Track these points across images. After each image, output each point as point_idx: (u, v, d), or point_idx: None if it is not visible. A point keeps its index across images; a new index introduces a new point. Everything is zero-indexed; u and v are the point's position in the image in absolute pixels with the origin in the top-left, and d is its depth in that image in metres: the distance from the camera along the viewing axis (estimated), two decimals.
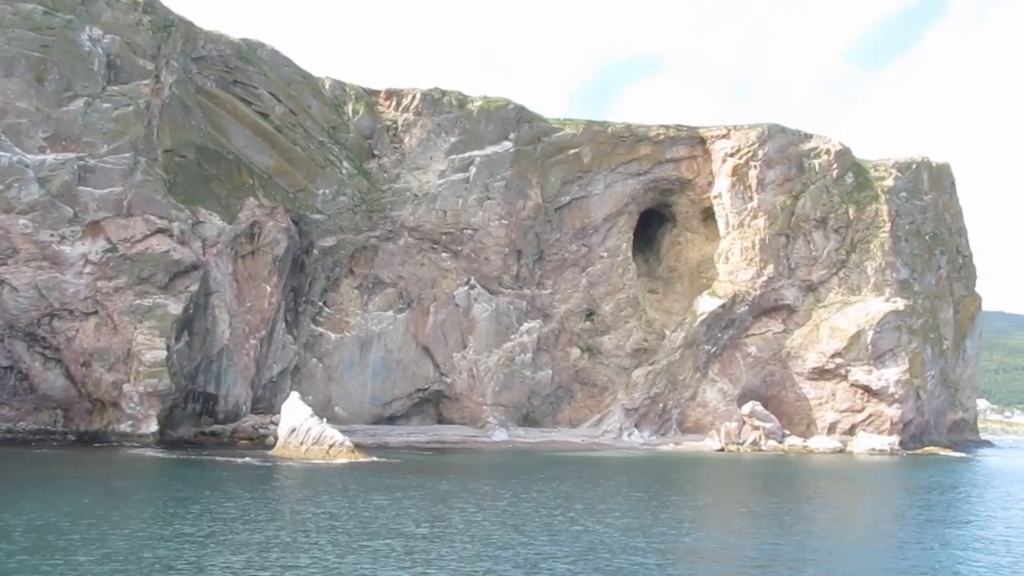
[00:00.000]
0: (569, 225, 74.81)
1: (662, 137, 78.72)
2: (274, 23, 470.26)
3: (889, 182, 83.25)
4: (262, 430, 56.45)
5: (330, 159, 64.20)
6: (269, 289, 59.95)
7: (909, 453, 74.84)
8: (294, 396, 53.13)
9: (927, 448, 79.58)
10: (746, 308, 77.25)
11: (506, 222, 70.33)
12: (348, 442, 49.47)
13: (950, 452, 79.64)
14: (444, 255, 69.25)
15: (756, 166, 78.50)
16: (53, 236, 49.39)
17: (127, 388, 50.53)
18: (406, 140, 68.15)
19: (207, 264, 54.82)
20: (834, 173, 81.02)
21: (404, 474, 41.74)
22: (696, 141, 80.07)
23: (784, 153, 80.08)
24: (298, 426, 50.23)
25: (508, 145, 71.18)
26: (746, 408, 76.10)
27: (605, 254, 76.61)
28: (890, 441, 74.97)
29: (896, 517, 35.41)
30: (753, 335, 78.77)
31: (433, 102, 69.38)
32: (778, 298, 78.66)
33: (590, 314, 76.12)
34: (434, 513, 29.36)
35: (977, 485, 51.27)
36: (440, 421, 71.09)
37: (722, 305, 76.14)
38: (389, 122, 68.17)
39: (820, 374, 77.63)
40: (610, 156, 76.37)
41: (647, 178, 78.55)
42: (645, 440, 73.28)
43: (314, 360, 65.08)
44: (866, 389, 76.34)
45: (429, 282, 69.24)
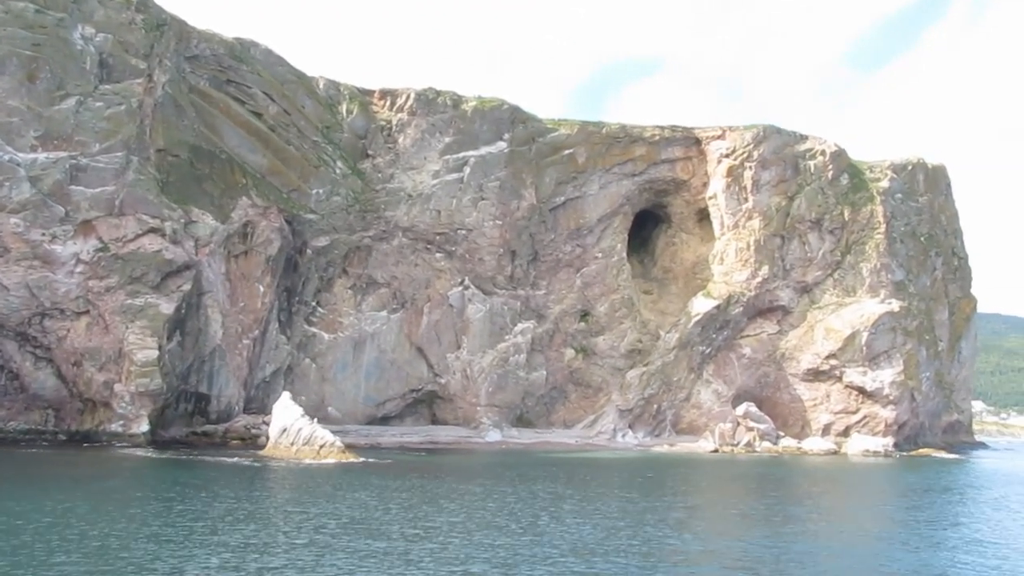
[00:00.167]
0: (564, 226, 74.76)
1: (657, 138, 78.67)
2: (268, 22, 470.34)
3: (884, 183, 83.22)
4: (254, 430, 56.35)
5: (324, 159, 64.14)
6: (262, 289, 59.90)
7: (903, 455, 74.78)
8: (285, 396, 53.03)
9: (921, 450, 79.56)
10: (741, 309, 77.20)
11: (500, 222, 70.27)
12: (339, 442, 49.37)
13: (944, 454, 79.59)
14: (438, 255, 69.19)
15: (751, 167, 78.47)
16: (44, 235, 49.29)
17: (118, 388, 50.47)
18: (400, 140, 68.10)
19: (199, 264, 54.73)
20: (829, 174, 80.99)
21: (393, 474, 41.65)
22: (691, 142, 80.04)
23: (779, 154, 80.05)
24: (289, 426, 50.14)
25: (502, 145, 71.12)
26: (740, 409, 76.04)
27: (600, 255, 76.55)
28: (884, 443, 74.89)
29: (886, 519, 35.33)
30: (748, 336, 78.73)
31: (427, 102, 69.34)
32: (773, 299, 78.62)
33: (584, 315, 76.06)
34: (418, 514, 29.26)
35: (971, 487, 51.18)
36: (434, 422, 71.03)
37: (717, 306, 76.10)
38: (383, 122, 68.13)
39: (815, 375, 77.57)
40: (605, 157, 76.33)
41: (642, 179, 78.51)
42: (639, 441, 73.22)
43: (307, 360, 65.01)
44: (861, 391, 76.28)
45: (423, 282, 69.19)
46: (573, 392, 76.08)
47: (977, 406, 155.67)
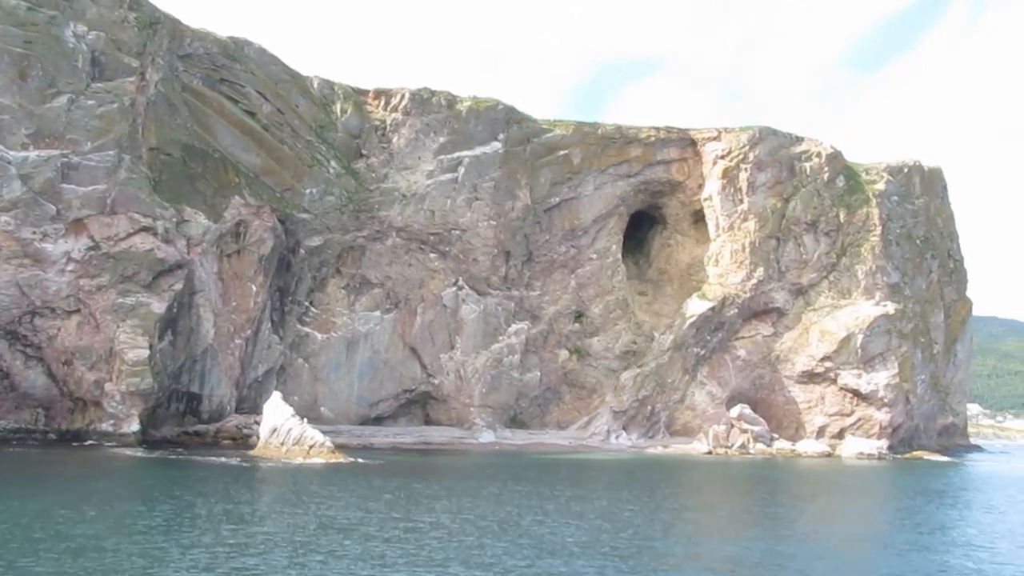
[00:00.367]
0: (558, 226, 74.64)
1: (652, 139, 78.55)
2: (262, 21, 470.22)
3: (880, 186, 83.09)
4: (246, 430, 56.25)
5: (317, 158, 64.03)
6: (255, 288, 59.79)
7: (897, 457, 74.64)
8: (276, 396, 52.94)
9: (915, 452, 79.36)
10: (736, 311, 77.06)
11: (495, 223, 70.15)
12: (329, 442, 49.26)
13: (939, 457, 79.38)
14: (432, 255, 69.09)
15: (747, 168, 78.34)
16: (35, 233, 49.18)
17: (109, 387, 50.36)
18: (394, 140, 67.99)
19: (192, 263, 54.62)
20: (825, 176, 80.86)
21: (382, 475, 41.53)
22: (687, 143, 79.91)
23: (775, 156, 79.92)
24: (279, 426, 50.04)
25: (497, 146, 70.99)
26: (735, 411, 75.93)
27: (594, 256, 76.43)
28: (878, 445, 74.73)
29: (874, 521, 35.21)
30: (742, 338, 78.59)
31: (422, 102, 69.22)
32: (768, 301, 78.47)
33: (579, 316, 75.95)
34: (401, 514, 29.14)
35: (963, 490, 51.04)
36: (427, 422, 70.89)
37: (711, 308, 75.97)
38: (377, 122, 68.02)
39: (809, 377, 77.42)
40: (600, 157, 76.21)
41: (637, 180, 78.38)
42: (633, 442, 73.08)
43: (300, 360, 64.90)
44: (855, 393, 76.14)
45: (417, 282, 69.07)
46: (567, 393, 75.96)
47: (973, 409, 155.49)
